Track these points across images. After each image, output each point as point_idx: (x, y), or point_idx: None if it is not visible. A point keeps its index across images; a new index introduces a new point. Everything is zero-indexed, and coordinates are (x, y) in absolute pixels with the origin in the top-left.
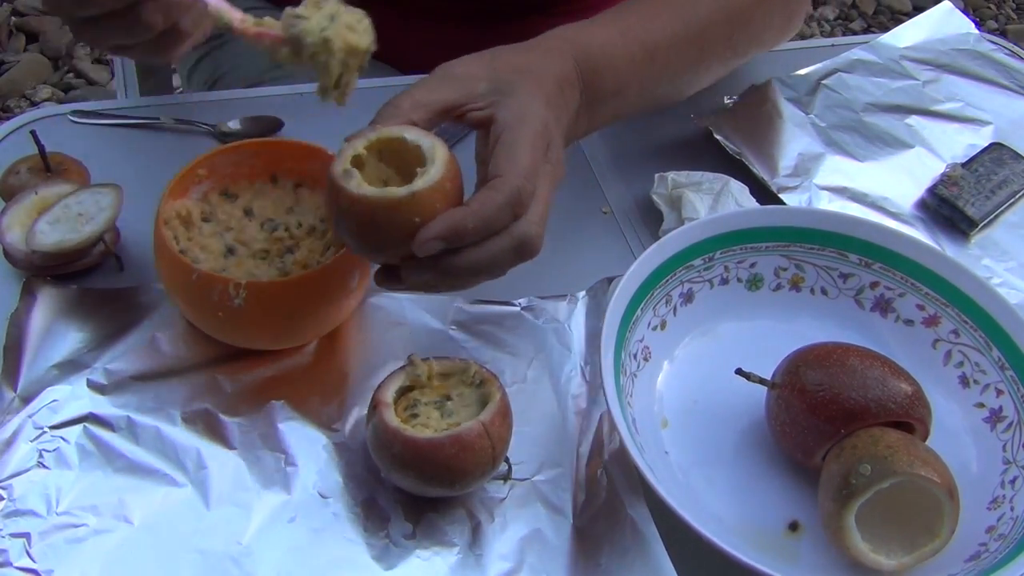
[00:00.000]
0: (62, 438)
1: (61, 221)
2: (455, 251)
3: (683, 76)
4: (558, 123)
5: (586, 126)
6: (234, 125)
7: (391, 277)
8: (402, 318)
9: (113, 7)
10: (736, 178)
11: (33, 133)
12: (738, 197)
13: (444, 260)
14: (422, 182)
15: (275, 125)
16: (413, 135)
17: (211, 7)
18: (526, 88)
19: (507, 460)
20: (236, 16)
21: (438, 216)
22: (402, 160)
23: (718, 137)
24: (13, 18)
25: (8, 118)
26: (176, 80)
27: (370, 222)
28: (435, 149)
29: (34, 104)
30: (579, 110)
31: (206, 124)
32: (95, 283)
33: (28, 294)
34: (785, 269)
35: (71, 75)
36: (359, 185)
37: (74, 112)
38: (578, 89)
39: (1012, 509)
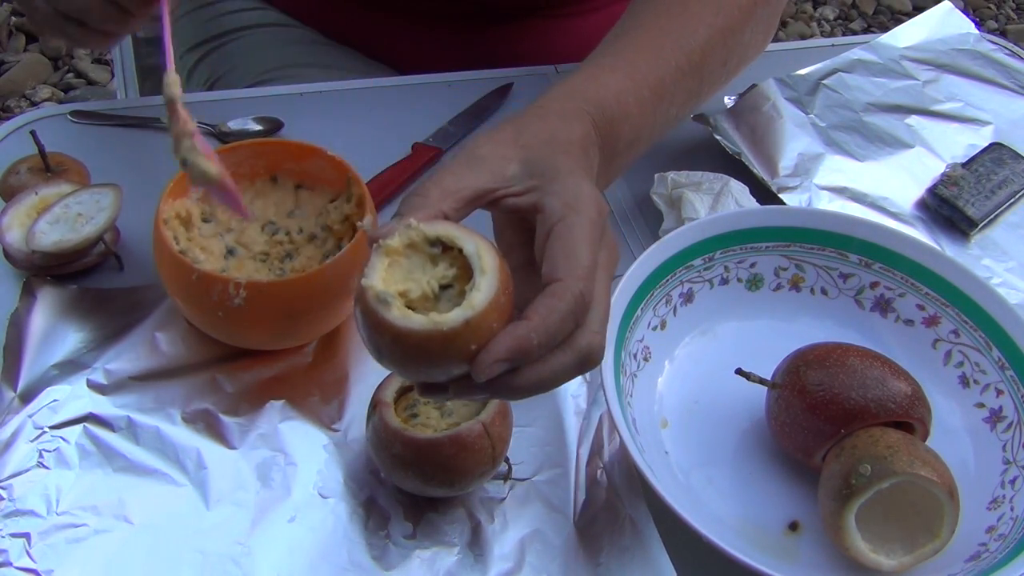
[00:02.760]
0: (62, 438)
1: (61, 221)
2: (514, 369)
3: (684, 108)
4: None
5: (604, 182)
6: (234, 125)
7: (437, 390)
8: None
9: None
10: (736, 178)
11: (33, 133)
12: (738, 197)
13: (502, 380)
14: (477, 302)
15: (275, 125)
16: (452, 233)
17: (168, 75)
18: (566, 165)
19: (507, 460)
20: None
21: (498, 336)
22: (439, 243)
23: (718, 137)
24: (13, 18)
25: (8, 118)
26: None
27: (420, 353)
28: (481, 254)
29: (34, 104)
30: (599, 167)
31: (206, 124)
32: (95, 283)
33: (28, 294)
34: (785, 269)
35: (71, 75)
36: (403, 316)
37: (74, 112)
38: (597, 147)
39: (1012, 509)
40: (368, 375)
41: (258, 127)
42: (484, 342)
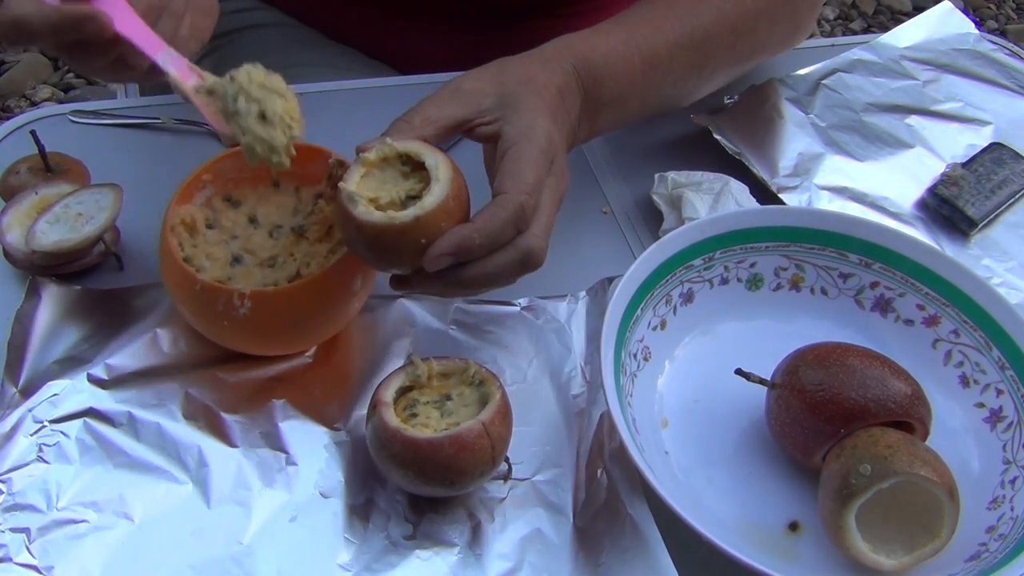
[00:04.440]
0: (62, 432)
1: (61, 221)
2: (462, 264)
3: (685, 83)
4: (561, 135)
5: (587, 132)
6: None
7: (403, 282)
8: (403, 318)
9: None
10: (736, 178)
11: (33, 133)
12: (738, 197)
13: (452, 272)
14: (427, 204)
15: None
16: (419, 150)
17: (171, 76)
18: (531, 102)
19: (507, 460)
20: (190, 87)
21: (445, 234)
22: (412, 162)
23: (718, 137)
24: None
25: (8, 118)
26: None
27: (379, 244)
28: (439, 166)
29: (34, 104)
30: (580, 117)
31: (206, 124)
32: (95, 283)
33: (33, 293)
34: (785, 269)
35: (71, 75)
36: (366, 211)
37: (74, 112)
38: (579, 97)
39: (1012, 509)
40: (369, 375)
41: None
42: (433, 237)
